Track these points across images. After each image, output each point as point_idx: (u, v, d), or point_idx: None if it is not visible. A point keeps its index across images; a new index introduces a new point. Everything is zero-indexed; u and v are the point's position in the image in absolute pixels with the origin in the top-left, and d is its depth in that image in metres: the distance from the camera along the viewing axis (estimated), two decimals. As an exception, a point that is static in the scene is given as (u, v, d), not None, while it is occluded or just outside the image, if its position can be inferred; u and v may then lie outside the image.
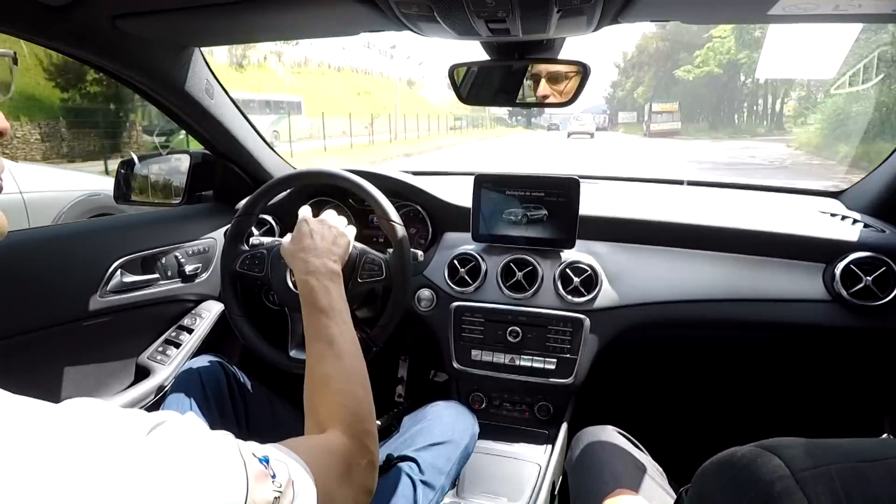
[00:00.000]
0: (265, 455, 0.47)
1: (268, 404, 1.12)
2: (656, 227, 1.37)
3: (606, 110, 66.81)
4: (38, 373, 1.12)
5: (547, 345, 1.30)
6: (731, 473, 0.43)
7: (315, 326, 0.77)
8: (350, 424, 0.65)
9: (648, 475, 0.93)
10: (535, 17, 0.83)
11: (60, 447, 0.33)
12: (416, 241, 1.54)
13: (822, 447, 0.40)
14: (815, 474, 0.37)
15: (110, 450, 0.35)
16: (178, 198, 1.56)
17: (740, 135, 29.75)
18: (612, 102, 64.14)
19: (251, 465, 0.43)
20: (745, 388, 1.60)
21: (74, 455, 0.33)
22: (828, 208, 1.44)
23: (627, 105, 55.07)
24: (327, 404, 0.67)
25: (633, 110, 50.29)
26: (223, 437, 0.45)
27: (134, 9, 0.95)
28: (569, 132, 31.81)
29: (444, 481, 0.99)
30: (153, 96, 1.25)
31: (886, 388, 1.40)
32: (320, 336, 0.75)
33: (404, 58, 49.32)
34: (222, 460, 0.42)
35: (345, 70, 39.35)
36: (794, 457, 0.39)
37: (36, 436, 0.33)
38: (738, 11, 0.94)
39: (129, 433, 0.37)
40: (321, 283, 0.82)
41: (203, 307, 1.46)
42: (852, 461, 0.39)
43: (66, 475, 0.32)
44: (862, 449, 0.40)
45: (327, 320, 0.77)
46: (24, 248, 1.13)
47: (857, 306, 1.19)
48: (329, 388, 0.69)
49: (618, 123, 50.19)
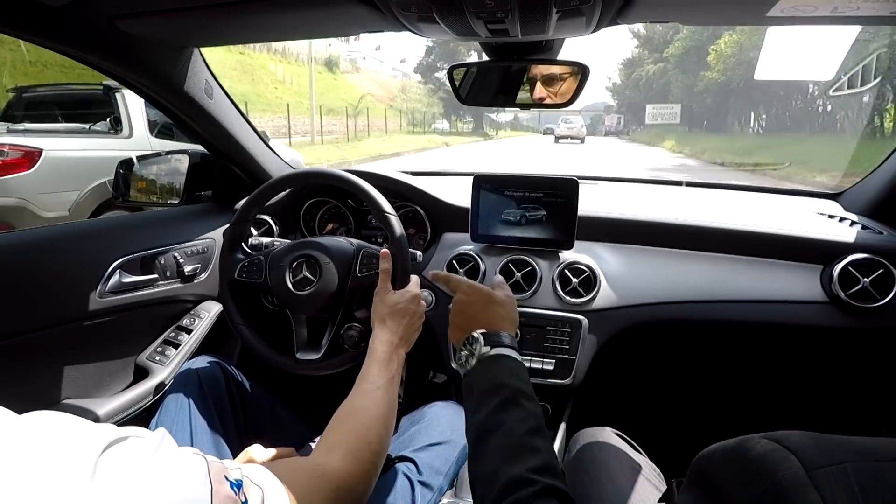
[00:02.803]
0: (239, 479, 0.46)
1: (266, 404, 1.12)
2: (655, 227, 1.37)
3: (613, 105, 51.37)
4: (37, 373, 1.12)
5: (545, 345, 1.30)
6: (740, 465, 0.41)
7: (373, 373, 0.84)
8: (358, 452, 0.69)
9: (645, 477, 0.93)
10: (534, 17, 0.83)
11: (13, 458, 0.33)
12: (415, 242, 1.54)
13: (836, 443, 0.39)
14: (829, 472, 0.36)
15: (58, 467, 0.34)
16: (176, 198, 1.56)
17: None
18: (627, 94, 44.74)
19: (219, 490, 0.42)
20: (743, 390, 1.60)
21: (25, 467, 0.33)
22: (826, 210, 1.45)
23: (655, 94, 34.80)
24: (348, 432, 0.73)
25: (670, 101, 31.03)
26: (191, 457, 0.44)
27: (133, 9, 0.95)
28: (556, 136, 29.07)
29: (443, 482, 0.99)
30: (153, 96, 1.25)
31: (883, 388, 1.40)
32: (371, 381, 0.83)
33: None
34: (181, 483, 0.40)
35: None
36: (808, 452, 0.38)
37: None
38: (736, 13, 0.94)
39: (81, 450, 0.36)
40: (398, 352, 0.91)
41: (202, 307, 1.46)
42: (869, 459, 0.37)
43: (11, 487, 0.32)
44: (879, 447, 0.38)
45: (383, 376, 0.85)
46: (23, 249, 1.12)
47: (854, 308, 1.19)
48: (356, 418, 0.76)
49: (645, 126, 33.05)
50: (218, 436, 0.98)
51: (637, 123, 40.95)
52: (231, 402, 1.05)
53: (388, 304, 0.93)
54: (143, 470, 0.38)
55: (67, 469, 0.34)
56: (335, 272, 1.04)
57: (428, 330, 1.39)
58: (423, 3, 0.80)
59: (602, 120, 53.17)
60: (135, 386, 1.27)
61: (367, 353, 0.88)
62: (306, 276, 1.05)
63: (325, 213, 1.64)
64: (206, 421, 0.97)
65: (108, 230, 1.34)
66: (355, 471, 0.67)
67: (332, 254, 1.05)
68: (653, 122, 30.44)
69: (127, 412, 1.23)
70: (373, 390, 0.81)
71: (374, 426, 0.75)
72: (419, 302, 0.97)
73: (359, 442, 0.71)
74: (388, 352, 0.88)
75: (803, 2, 0.79)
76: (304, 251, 1.06)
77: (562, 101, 1.09)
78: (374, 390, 0.81)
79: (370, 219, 1.61)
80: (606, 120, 47.10)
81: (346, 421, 0.75)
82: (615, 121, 44.54)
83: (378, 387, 0.82)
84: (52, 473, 0.34)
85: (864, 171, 1.45)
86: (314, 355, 1.05)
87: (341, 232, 1.63)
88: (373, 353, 0.87)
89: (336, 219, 1.64)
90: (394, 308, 0.93)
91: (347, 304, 1.06)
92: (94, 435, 0.38)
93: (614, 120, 44.93)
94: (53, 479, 0.33)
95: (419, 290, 0.99)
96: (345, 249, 1.07)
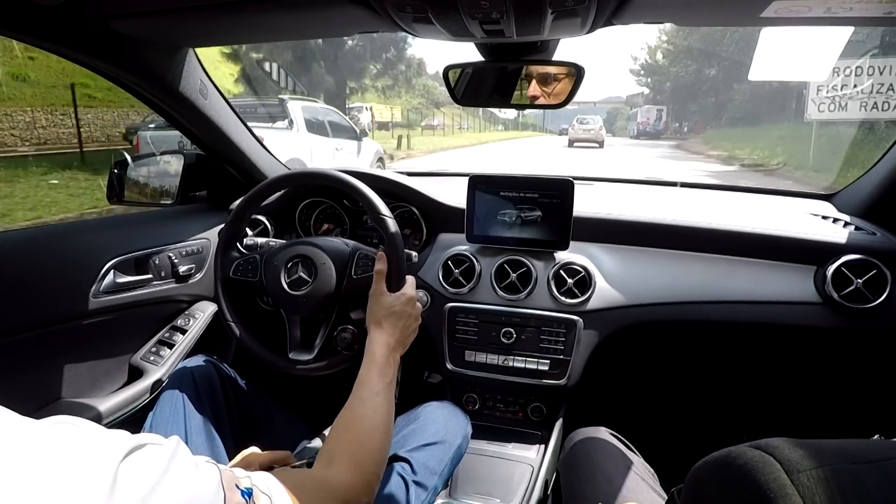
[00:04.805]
0: (249, 487, 0.47)
1: (261, 404, 1.12)
2: (650, 228, 1.37)
3: (645, 93, 34.58)
4: (30, 373, 1.12)
5: (540, 346, 1.30)
6: (726, 474, 0.43)
7: (372, 379, 0.84)
8: (362, 463, 0.70)
9: (640, 477, 0.93)
10: (529, 18, 0.84)
11: (35, 466, 0.33)
12: (411, 242, 1.54)
13: (817, 448, 0.40)
14: (810, 475, 0.38)
15: (82, 472, 0.35)
16: (171, 198, 1.56)
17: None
18: (670, 77, 28.68)
19: (231, 497, 0.43)
20: (737, 390, 1.61)
21: (47, 475, 0.33)
22: (819, 211, 1.45)
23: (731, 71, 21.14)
24: (349, 442, 0.73)
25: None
26: (205, 466, 0.45)
27: (127, 10, 0.95)
28: (570, 139, 23.17)
29: (437, 482, 0.99)
30: (147, 97, 1.24)
31: (877, 388, 1.41)
32: (370, 387, 0.82)
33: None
34: (197, 490, 0.41)
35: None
36: (790, 457, 0.40)
37: (14, 452, 0.33)
38: (730, 14, 0.94)
39: (104, 456, 0.37)
40: (394, 355, 0.90)
41: (196, 308, 1.46)
42: (848, 462, 0.39)
43: (33, 494, 0.32)
44: (858, 450, 0.40)
45: (381, 381, 0.84)
46: (18, 248, 1.12)
47: (847, 309, 1.20)
48: (357, 427, 0.76)
49: (708, 124, 23.57)
50: (212, 435, 0.98)
51: (682, 120, 29.54)
52: (226, 402, 1.05)
53: (384, 307, 0.93)
54: (162, 478, 0.39)
55: (89, 477, 0.35)
56: (330, 273, 1.04)
57: (423, 330, 1.39)
58: (418, 3, 0.80)
59: (626, 115, 40.54)
60: (129, 386, 1.27)
61: (364, 356, 0.88)
62: (301, 276, 1.05)
63: (320, 214, 1.64)
64: (200, 420, 0.97)
65: (103, 230, 1.34)
66: (359, 483, 0.68)
67: (328, 255, 1.05)
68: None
69: (121, 412, 1.22)
70: (371, 397, 0.81)
71: (376, 435, 0.76)
72: (415, 304, 0.97)
73: (361, 452, 0.72)
74: (386, 355, 0.87)
75: (797, 3, 0.79)
76: (300, 251, 1.06)
77: (556, 102, 1.09)
78: (373, 397, 0.81)
79: (366, 219, 1.61)
80: (640, 115, 32.53)
81: (346, 430, 0.75)
82: (653, 115, 31.21)
83: (377, 392, 0.81)
84: (75, 481, 0.34)
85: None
86: (307, 356, 1.06)
87: (336, 233, 1.63)
88: (370, 357, 0.87)
89: (331, 219, 1.64)
90: (389, 310, 0.92)
91: (342, 305, 1.06)
92: (114, 442, 0.39)
93: (652, 114, 31.37)
94: (76, 486, 0.34)
95: (414, 293, 0.98)
96: (340, 250, 1.07)
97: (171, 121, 1.35)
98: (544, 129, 49.81)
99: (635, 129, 32.22)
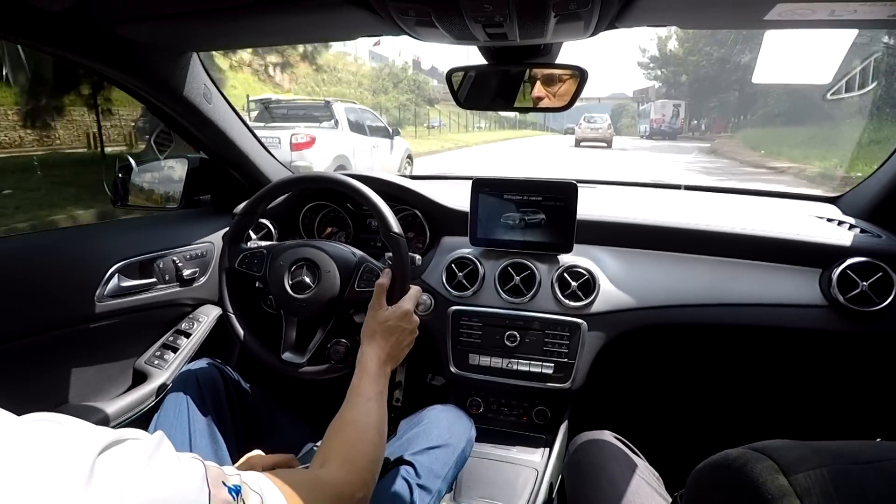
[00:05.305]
0: (238, 485, 0.46)
1: (265, 407, 1.12)
2: (654, 231, 1.37)
3: (657, 87, 30.94)
4: (35, 377, 1.12)
5: (545, 349, 1.30)
6: (724, 476, 0.43)
7: (364, 387, 0.84)
8: (355, 459, 0.70)
9: (645, 481, 0.92)
10: (532, 22, 0.84)
11: (11, 459, 0.33)
12: (414, 245, 1.54)
13: (813, 449, 0.41)
14: (808, 476, 0.38)
15: (58, 466, 0.34)
16: (175, 202, 1.56)
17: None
18: (689, 68, 25.60)
19: (216, 494, 0.43)
20: (741, 393, 1.60)
21: (22, 468, 0.33)
22: (824, 213, 1.45)
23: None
24: (342, 442, 0.74)
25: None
26: (189, 461, 0.44)
27: (132, 14, 0.95)
28: (577, 139, 22.08)
29: (441, 485, 0.98)
30: (151, 101, 1.25)
31: (882, 391, 1.40)
32: (362, 394, 0.83)
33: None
34: (178, 486, 0.40)
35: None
36: (787, 459, 0.40)
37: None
38: (734, 17, 0.94)
39: (81, 450, 0.36)
40: (385, 368, 0.90)
41: (201, 311, 1.46)
42: (844, 463, 0.39)
43: (7, 487, 0.32)
44: (854, 451, 0.41)
45: (373, 389, 0.85)
46: (23, 253, 1.13)
47: (853, 311, 1.19)
48: (349, 428, 0.77)
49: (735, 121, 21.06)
50: (216, 438, 0.98)
51: (698, 117, 26.19)
52: (230, 405, 1.05)
53: (378, 321, 0.93)
54: (140, 473, 0.38)
55: (64, 471, 0.34)
56: (334, 282, 1.04)
57: (426, 333, 1.39)
58: (421, 7, 0.80)
59: (632, 112, 36.62)
60: (134, 389, 1.27)
61: (357, 366, 0.88)
62: (305, 280, 1.05)
63: (323, 217, 1.64)
64: (204, 423, 0.97)
65: (107, 234, 1.34)
66: (353, 479, 0.68)
67: (335, 262, 1.05)
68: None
69: (126, 416, 1.23)
70: (363, 402, 0.82)
71: (368, 434, 0.76)
72: (411, 318, 0.97)
73: (354, 450, 0.72)
74: (376, 367, 0.88)
75: (800, 6, 0.79)
76: (307, 254, 1.06)
77: (560, 104, 1.09)
78: (365, 402, 0.82)
79: (370, 222, 1.61)
80: (653, 111, 27.52)
81: (339, 431, 0.76)
82: (669, 111, 26.54)
83: (369, 398, 0.82)
84: (49, 475, 0.34)
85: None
86: (299, 359, 1.06)
87: (340, 236, 1.63)
88: (362, 368, 0.87)
89: (335, 222, 1.64)
90: (383, 325, 0.92)
91: (341, 314, 1.07)
92: (92, 437, 0.38)
93: (667, 110, 26.58)
94: (50, 480, 0.34)
95: (412, 306, 0.98)
96: (347, 260, 1.07)
97: (174, 125, 1.36)
98: (545, 128, 47.46)
99: (647, 128, 28.24)
